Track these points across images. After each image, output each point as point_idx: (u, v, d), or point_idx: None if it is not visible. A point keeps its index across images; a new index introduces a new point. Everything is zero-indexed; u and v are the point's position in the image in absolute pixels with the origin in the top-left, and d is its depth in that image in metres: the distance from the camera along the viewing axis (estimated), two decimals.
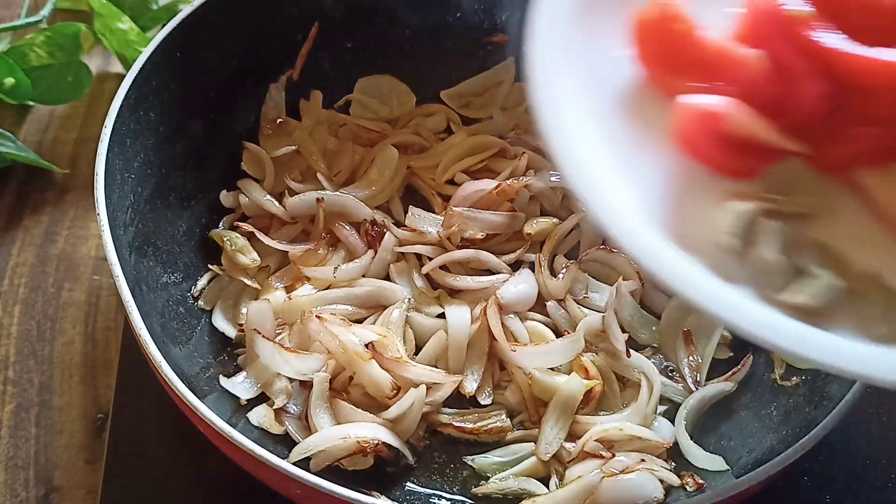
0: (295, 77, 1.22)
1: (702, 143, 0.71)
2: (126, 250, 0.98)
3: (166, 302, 1.04)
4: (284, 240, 1.12)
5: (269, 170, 1.16)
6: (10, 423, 1.05)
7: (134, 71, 1.03)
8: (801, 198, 0.71)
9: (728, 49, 0.73)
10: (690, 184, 0.73)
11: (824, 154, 0.71)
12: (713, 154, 0.71)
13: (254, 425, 0.98)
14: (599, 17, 0.78)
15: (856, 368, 0.64)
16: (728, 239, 0.69)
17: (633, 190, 0.72)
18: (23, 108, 1.33)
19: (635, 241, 0.68)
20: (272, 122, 1.21)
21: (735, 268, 0.69)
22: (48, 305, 1.15)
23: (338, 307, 1.05)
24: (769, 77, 0.71)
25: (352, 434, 0.93)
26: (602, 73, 0.77)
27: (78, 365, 1.10)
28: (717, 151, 0.71)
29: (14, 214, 1.23)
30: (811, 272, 0.68)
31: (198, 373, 1.01)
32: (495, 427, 1.00)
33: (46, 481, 1.01)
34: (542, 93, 0.73)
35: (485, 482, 0.97)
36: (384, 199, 1.17)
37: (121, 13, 1.31)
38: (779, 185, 0.71)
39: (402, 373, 0.98)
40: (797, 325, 0.66)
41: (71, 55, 1.30)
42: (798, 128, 0.71)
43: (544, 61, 0.74)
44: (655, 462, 0.95)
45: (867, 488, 1.02)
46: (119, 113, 1.00)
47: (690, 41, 0.74)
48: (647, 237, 0.68)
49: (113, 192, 0.98)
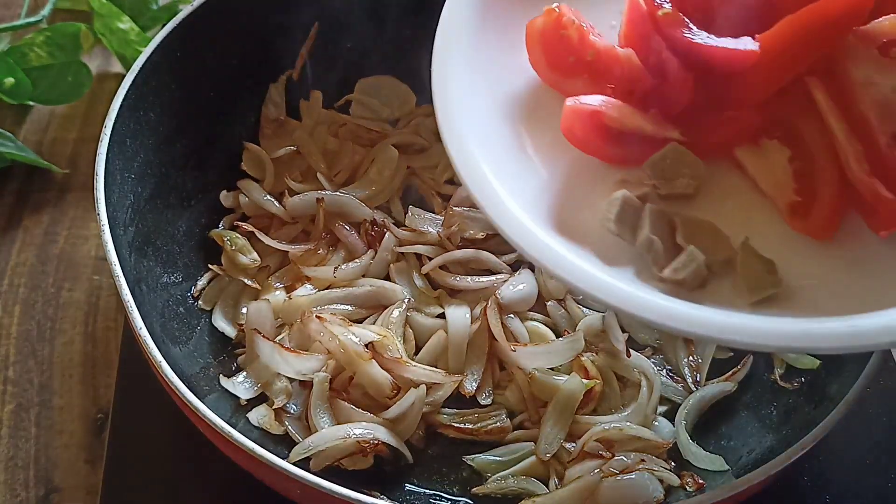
0: (295, 77, 1.22)
1: (588, 137, 0.78)
2: (126, 250, 0.98)
3: (166, 302, 1.04)
4: (284, 240, 1.12)
5: (269, 170, 1.16)
6: (10, 423, 1.05)
7: (134, 71, 1.03)
8: (681, 180, 0.77)
9: (609, 50, 0.81)
10: (586, 176, 0.80)
11: (702, 138, 0.78)
12: (599, 146, 0.79)
13: (254, 425, 0.98)
14: (502, 26, 0.85)
15: (726, 336, 0.69)
16: (611, 224, 0.75)
17: (530, 187, 0.78)
18: (23, 108, 1.33)
19: (521, 234, 0.74)
20: (272, 122, 1.21)
21: (623, 251, 0.75)
22: (48, 305, 1.15)
23: (338, 307, 1.05)
24: (644, 72, 0.79)
25: (352, 434, 0.93)
26: (505, 79, 0.84)
27: (78, 365, 1.10)
28: (602, 143, 0.79)
29: (14, 214, 1.23)
30: (689, 251, 0.73)
31: (198, 373, 1.01)
32: (495, 427, 0.99)
33: (46, 481, 1.01)
34: (439, 99, 0.80)
35: (484, 482, 0.97)
36: (384, 199, 1.17)
37: (121, 13, 1.31)
38: (663, 171, 0.77)
39: (402, 373, 0.98)
40: (668, 300, 0.71)
41: (71, 55, 1.30)
42: (675, 117, 0.78)
43: (443, 69, 0.81)
44: (655, 462, 0.95)
45: (867, 488, 1.02)
46: (119, 113, 1.00)
47: (580, 45, 0.82)
48: (531, 230, 0.74)
49: (113, 192, 0.98)
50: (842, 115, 0.74)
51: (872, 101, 0.73)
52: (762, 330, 0.68)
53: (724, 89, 0.78)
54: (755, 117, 0.78)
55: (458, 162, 0.77)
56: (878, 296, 0.70)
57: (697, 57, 0.76)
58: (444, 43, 0.83)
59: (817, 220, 0.75)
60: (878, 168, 0.73)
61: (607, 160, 0.80)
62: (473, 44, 0.83)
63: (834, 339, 0.67)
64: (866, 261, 0.74)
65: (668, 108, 0.78)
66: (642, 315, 0.70)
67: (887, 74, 0.73)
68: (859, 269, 0.74)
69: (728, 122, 0.78)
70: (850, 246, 0.75)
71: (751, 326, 0.68)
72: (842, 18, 0.74)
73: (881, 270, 0.73)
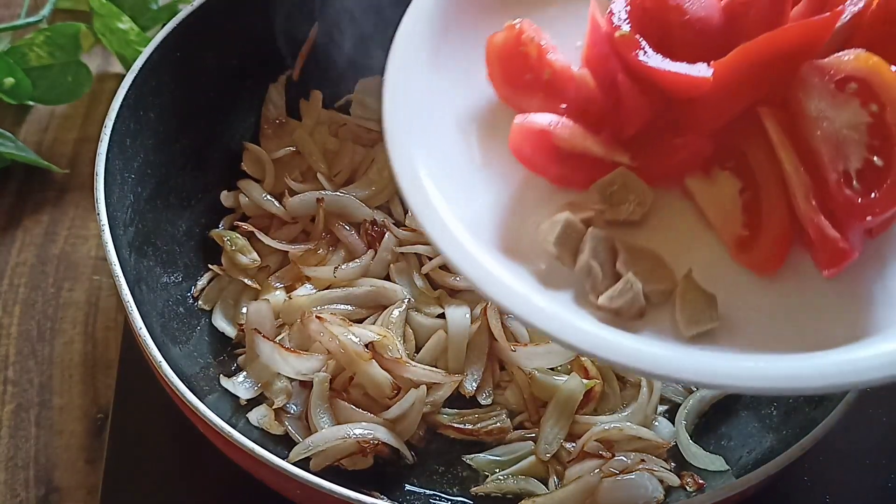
0: (295, 77, 1.22)
1: (536, 156, 0.77)
2: (126, 250, 0.98)
3: (166, 302, 1.04)
4: (284, 240, 1.12)
5: (269, 170, 1.16)
6: (10, 423, 1.05)
7: (134, 71, 1.03)
8: (627, 206, 0.75)
9: (565, 70, 0.80)
10: (534, 196, 0.78)
11: (652, 164, 0.77)
12: (547, 166, 0.77)
13: (254, 425, 0.98)
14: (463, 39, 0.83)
15: (653, 370, 0.67)
16: (551, 247, 0.73)
17: (476, 203, 0.77)
18: (23, 108, 1.33)
19: (454, 249, 0.72)
20: (272, 122, 1.21)
21: (564, 275, 0.74)
22: (48, 305, 1.15)
23: (338, 307, 1.05)
24: (598, 94, 0.78)
25: (352, 434, 0.93)
26: (462, 92, 0.82)
27: (78, 365, 1.10)
28: (550, 164, 0.77)
29: (14, 214, 1.23)
30: (626, 278, 0.71)
31: (198, 373, 1.01)
32: (495, 427, 0.99)
33: (46, 481, 1.01)
34: (388, 106, 0.78)
35: (484, 482, 0.97)
36: (384, 199, 1.17)
37: (121, 13, 1.31)
38: (610, 196, 0.76)
39: (401, 373, 0.98)
40: (599, 328, 0.69)
41: (71, 55, 1.30)
42: (627, 141, 0.77)
43: (398, 77, 0.80)
44: (655, 462, 0.95)
45: (867, 488, 1.02)
46: (119, 113, 1.00)
47: (538, 63, 0.80)
48: (465, 246, 0.72)
49: (113, 192, 0.98)
50: (792, 149, 0.73)
51: (824, 136, 0.72)
52: (692, 366, 0.66)
53: (677, 115, 0.76)
54: (707, 145, 0.76)
55: (398, 169, 0.75)
56: (819, 336, 0.69)
57: (651, 81, 0.75)
58: (401, 50, 0.81)
59: (761, 255, 0.74)
60: (826, 206, 0.71)
61: (556, 181, 0.78)
62: (432, 54, 0.81)
63: (765, 379, 0.65)
64: (810, 299, 0.73)
65: (619, 131, 0.77)
66: (569, 341, 0.68)
67: (841, 110, 0.71)
68: (801, 307, 0.72)
69: (680, 149, 0.77)
70: (794, 283, 0.74)
71: (681, 361, 0.67)
72: (797, 49, 0.73)
73: (823, 310, 0.72)
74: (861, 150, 0.70)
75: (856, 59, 0.71)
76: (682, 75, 0.73)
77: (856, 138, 0.70)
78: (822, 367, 0.66)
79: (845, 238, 0.70)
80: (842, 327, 0.71)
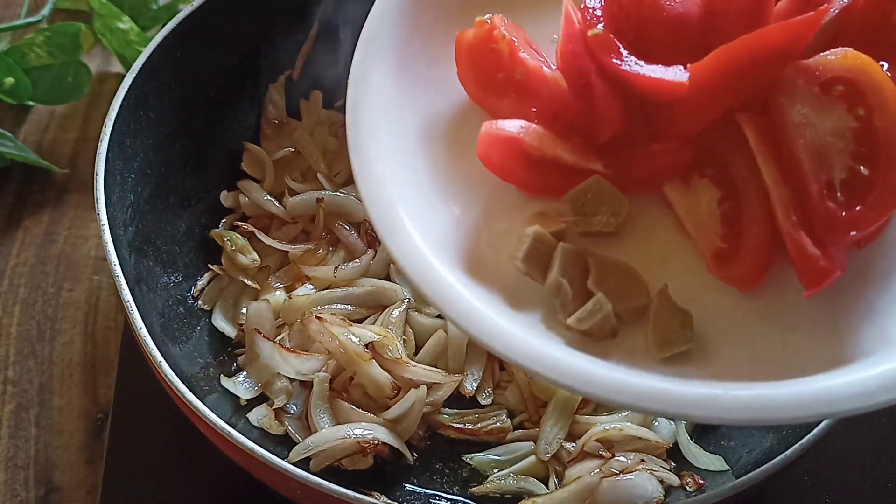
0: (295, 77, 1.22)
1: (506, 164, 0.73)
2: (126, 250, 0.98)
3: (166, 302, 1.04)
4: (284, 240, 1.12)
5: (269, 170, 1.16)
6: (10, 423, 1.05)
7: (134, 71, 1.03)
8: (601, 217, 0.71)
9: (538, 69, 0.75)
10: (504, 208, 0.74)
11: (628, 172, 0.72)
12: (518, 174, 0.73)
13: (254, 425, 0.98)
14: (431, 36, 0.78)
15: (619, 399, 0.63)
16: (519, 263, 0.69)
17: (443, 219, 0.72)
18: (23, 108, 1.33)
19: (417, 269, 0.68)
20: (272, 122, 1.20)
21: (534, 293, 0.69)
22: (48, 305, 1.15)
23: (338, 307, 1.05)
24: (571, 97, 0.73)
25: (352, 434, 0.93)
26: (431, 96, 0.77)
27: (78, 365, 1.10)
28: (521, 172, 0.73)
29: (14, 214, 1.23)
30: (595, 299, 0.67)
31: (198, 373, 1.01)
32: (495, 427, 0.99)
33: (46, 481, 1.01)
34: (352, 113, 0.74)
35: (484, 482, 0.97)
36: None
37: (121, 13, 1.31)
38: (583, 206, 0.71)
39: (401, 373, 0.98)
40: (565, 353, 0.65)
41: (71, 55, 1.30)
42: (601, 147, 0.72)
43: (362, 82, 0.75)
44: (655, 462, 0.95)
45: (867, 488, 1.02)
46: (119, 113, 1.00)
47: (510, 62, 0.75)
48: (430, 265, 0.68)
49: (113, 192, 0.98)
50: (773, 158, 0.68)
51: (807, 144, 0.66)
52: (659, 396, 0.62)
53: (652, 120, 0.72)
54: (685, 152, 0.72)
55: (361, 185, 0.71)
56: (798, 361, 0.65)
57: (625, 84, 0.70)
58: (365, 54, 0.76)
59: (741, 270, 0.69)
60: (807, 219, 0.66)
61: (527, 189, 0.74)
62: (399, 57, 0.77)
63: (738, 410, 0.61)
64: (791, 319, 0.68)
65: (593, 137, 0.72)
66: (533, 369, 0.64)
67: (826, 115, 0.67)
68: (782, 327, 0.68)
69: (656, 156, 0.72)
70: (776, 301, 0.69)
71: (648, 391, 0.63)
72: (779, 51, 0.68)
73: (804, 331, 0.67)
74: (845, 159, 0.66)
75: (843, 58, 0.67)
76: (657, 80, 0.69)
77: (840, 146, 0.66)
78: (795, 396, 0.62)
79: (827, 255, 0.65)
80: (823, 351, 0.66)
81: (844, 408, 0.61)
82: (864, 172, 0.66)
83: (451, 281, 0.68)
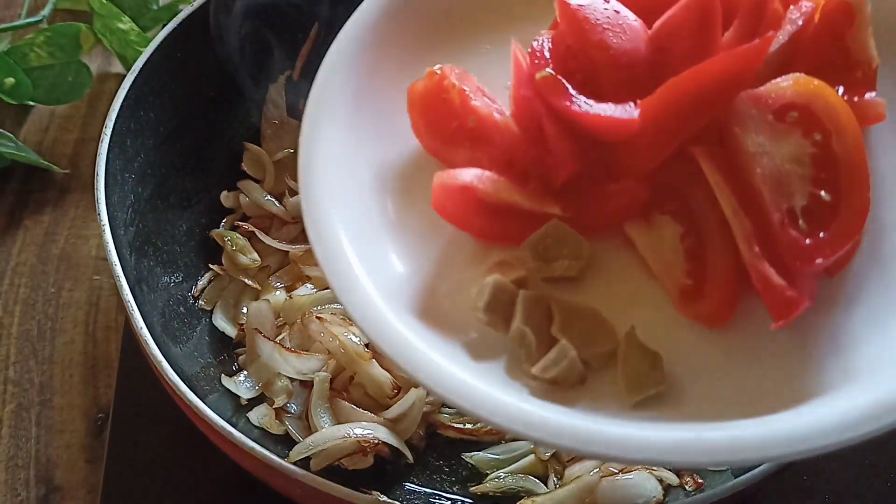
0: (295, 77, 1.22)
1: (461, 213, 0.71)
2: (126, 250, 0.98)
3: (167, 302, 1.04)
4: (285, 240, 1.12)
5: (270, 170, 1.16)
6: (10, 422, 1.05)
7: (134, 71, 1.03)
8: (561, 262, 0.69)
9: (489, 116, 0.73)
10: (463, 258, 0.72)
11: (587, 214, 0.71)
12: (475, 223, 0.72)
13: (254, 425, 0.98)
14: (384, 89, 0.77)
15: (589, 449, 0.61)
16: (480, 314, 0.67)
17: (400, 271, 0.71)
18: (23, 108, 1.33)
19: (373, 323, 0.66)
20: (272, 122, 1.21)
21: (497, 343, 0.67)
22: (48, 305, 1.15)
23: (338, 307, 1.05)
24: (524, 141, 0.72)
25: (352, 434, 0.93)
26: (383, 148, 0.76)
27: (78, 365, 1.10)
28: (478, 220, 0.71)
29: (14, 214, 1.23)
30: (559, 347, 0.66)
31: (198, 372, 1.01)
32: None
33: (46, 481, 1.02)
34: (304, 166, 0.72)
35: (484, 481, 0.97)
36: None
37: (121, 13, 1.31)
38: (544, 251, 0.69)
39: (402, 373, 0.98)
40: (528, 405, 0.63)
41: (71, 55, 1.30)
42: (557, 190, 0.71)
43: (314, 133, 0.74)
44: None
45: (867, 488, 1.02)
46: (119, 113, 1.00)
47: (462, 110, 0.74)
48: (385, 319, 0.66)
49: (113, 192, 0.98)
50: (731, 190, 0.66)
51: (765, 172, 0.65)
52: (628, 443, 0.60)
53: (608, 160, 0.70)
54: (642, 190, 0.70)
55: (311, 230, 0.69)
56: (764, 398, 0.63)
57: (576, 124, 0.69)
58: (318, 103, 0.75)
59: (708, 307, 0.67)
60: (770, 250, 0.64)
61: (485, 238, 0.72)
62: (352, 107, 0.76)
63: (711, 453, 0.59)
64: (759, 354, 0.66)
65: (548, 180, 0.70)
66: (497, 422, 0.61)
67: (782, 142, 0.65)
68: (749, 363, 0.66)
69: (614, 196, 0.71)
70: (746, 336, 0.67)
71: (617, 439, 0.60)
72: (726, 81, 0.66)
73: (773, 366, 0.66)
74: (806, 186, 0.64)
75: (794, 84, 0.66)
76: (606, 118, 0.67)
77: (799, 172, 0.64)
78: (761, 438, 0.59)
79: (794, 286, 0.64)
80: (789, 387, 0.64)
81: (801, 449, 0.59)
82: (826, 198, 0.64)
83: (405, 332, 0.66)
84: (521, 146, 0.72)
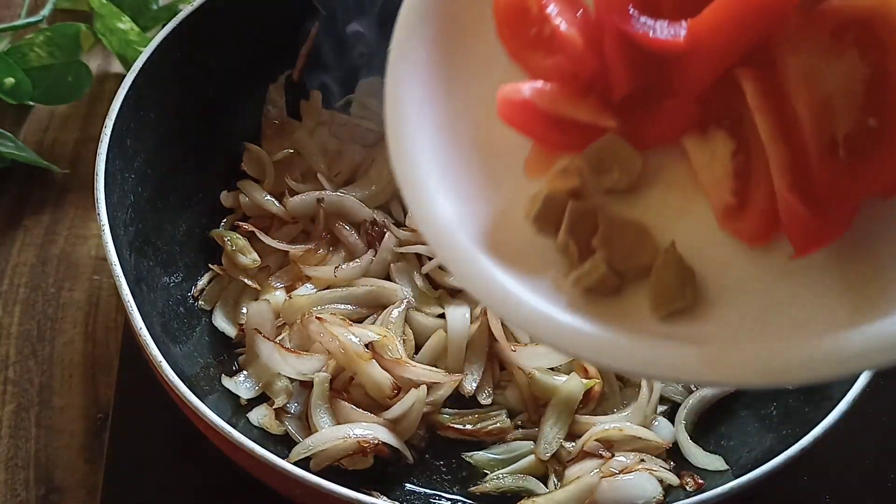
0: (295, 77, 1.22)
1: (526, 124, 0.73)
2: (126, 250, 0.98)
3: (166, 302, 1.04)
4: (285, 240, 1.12)
5: (270, 170, 1.16)
6: (10, 423, 1.05)
7: (134, 71, 1.03)
8: (612, 175, 0.70)
9: (557, 28, 0.74)
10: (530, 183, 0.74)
11: (643, 129, 0.71)
12: (538, 132, 0.73)
13: (254, 425, 0.98)
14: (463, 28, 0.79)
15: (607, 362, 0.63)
16: (531, 222, 0.70)
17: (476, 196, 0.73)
18: (23, 108, 1.33)
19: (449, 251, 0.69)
20: (272, 122, 1.21)
21: (545, 255, 0.69)
22: (48, 305, 1.15)
23: (338, 307, 1.05)
24: (587, 54, 0.73)
25: (352, 434, 0.93)
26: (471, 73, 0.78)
27: (78, 365, 1.10)
28: (540, 130, 0.73)
29: (14, 214, 1.23)
30: (593, 259, 0.67)
31: (198, 373, 1.01)
32: (495, 428, 1.00)
33: (46, 481, 1.01)
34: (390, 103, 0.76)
35: (483, 481, 0.97)
36: (384, 199, 1.17)
37: (121, 13, 1.31)
38: (599, 163, 0.71)
39: (401, 373, 0.98)
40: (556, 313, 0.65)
41: (71, 55, 1.30)
42: (616, 105, 0.71)
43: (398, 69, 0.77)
44: (655, 462, 0.95)
45: (867, 488, 1.02)
46: (119, 113, 1.00)
47: (539, 17, 0.75)
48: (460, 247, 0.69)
49: (113, 192, 0.98)
50: (771, 115, 0.64)
51: (811, 97, 0.62)
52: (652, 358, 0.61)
53: (664, 77, 0.70)
54: (695, 109, 0.69)
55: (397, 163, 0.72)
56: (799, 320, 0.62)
57: (630, 42, 0.69)
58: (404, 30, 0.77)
59: (749, 224, 0.66)
60: (803, 181, 0.63)
61: (550, 147, 0.74)
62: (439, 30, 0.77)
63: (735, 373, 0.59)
64: (796, 278, 0.64)
65: (607, 94, 0.72)
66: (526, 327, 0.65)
67: (835, 64, 0.62)
68: (791, 284, 0.65)
69: (669, 113, 0.71)
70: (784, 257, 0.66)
71: (640, 354, 0.61)
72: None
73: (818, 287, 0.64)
74: (854, 112, 0.62)
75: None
76: (652, 38, 0.67)
77: (849, 99, 0.62)
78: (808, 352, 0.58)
79: (821, 217, 0.62)
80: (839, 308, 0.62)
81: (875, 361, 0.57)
82: (873, 125, 0.62)
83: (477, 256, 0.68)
84: (585, 59, 0.73)
